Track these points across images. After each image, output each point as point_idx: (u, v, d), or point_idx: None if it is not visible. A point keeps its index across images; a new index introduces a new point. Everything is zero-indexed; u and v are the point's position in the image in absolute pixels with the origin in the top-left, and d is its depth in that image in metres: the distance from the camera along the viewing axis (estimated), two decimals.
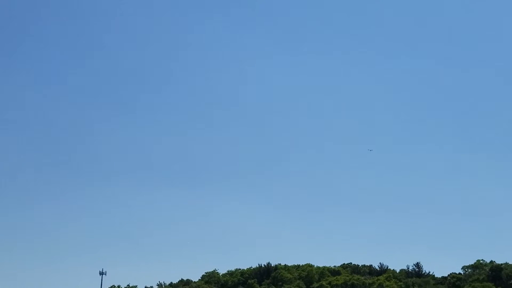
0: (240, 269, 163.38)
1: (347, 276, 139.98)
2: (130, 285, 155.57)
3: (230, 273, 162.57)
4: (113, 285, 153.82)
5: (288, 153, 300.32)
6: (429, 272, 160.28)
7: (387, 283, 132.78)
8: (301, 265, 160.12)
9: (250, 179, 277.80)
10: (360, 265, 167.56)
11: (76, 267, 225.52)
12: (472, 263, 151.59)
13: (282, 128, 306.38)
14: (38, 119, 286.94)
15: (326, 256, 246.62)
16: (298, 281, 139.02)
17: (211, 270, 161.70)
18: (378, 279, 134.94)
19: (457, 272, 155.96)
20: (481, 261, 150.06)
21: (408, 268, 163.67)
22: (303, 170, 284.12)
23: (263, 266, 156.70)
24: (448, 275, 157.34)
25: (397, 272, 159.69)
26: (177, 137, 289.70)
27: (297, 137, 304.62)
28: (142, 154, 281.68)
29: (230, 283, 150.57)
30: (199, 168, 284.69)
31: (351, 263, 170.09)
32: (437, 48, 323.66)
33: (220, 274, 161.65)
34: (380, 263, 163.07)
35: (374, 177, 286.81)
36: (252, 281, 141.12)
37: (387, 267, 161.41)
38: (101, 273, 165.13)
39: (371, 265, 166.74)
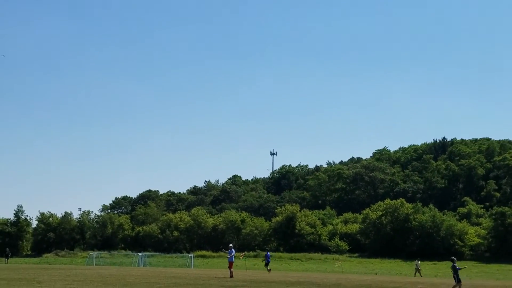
0: (413, 145, 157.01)
1: None
2: (301, 164, 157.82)
3: (402, 150, 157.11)
4: (284, 165, 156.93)
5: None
6: None
7: None
8: (478, 138, 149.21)
9: (416, 52, 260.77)
10: None
11: (248, 149, 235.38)
12: None
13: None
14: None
15: (507, 130, 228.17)
16: (477, 155, 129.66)
17: (381, 147, 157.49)
18: None
19: None
20: None
21: None
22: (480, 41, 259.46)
23: (438, 141, 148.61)
24: None
25: None
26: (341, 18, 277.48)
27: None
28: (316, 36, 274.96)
29: (402, 160, 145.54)
30: (364, 46, 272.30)
31: None
32: None
33: (391, 151, 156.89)
34: None
35: None
36: (428, 156, 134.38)
37: None
38: (272, 154, 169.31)
39: None
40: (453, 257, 32.76)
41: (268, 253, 49.31)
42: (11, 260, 71.14)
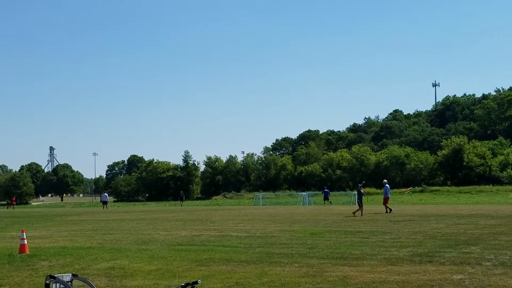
0: None
1: None
2: (466, 94, 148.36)
3: None
4: (447, 95, 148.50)
5: None
6: None
7: None
8: None
9: None
10: None
11: (408, 81, 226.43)
12: None
13: None
14: None
15: None
16: None
17: None
18: None
19: None
20: None
21: None
22: None
23: None
24: None
25: None
26: None
27: None
28: None
29: None
30: None
31: None
32: None
33: None
34: None
35: None
36: None
37: None
38: (434, 85, 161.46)
39: None
40: (360, 184, 35.96)
41: (327, 190, 61.60)
42: (184, 203, 76.36)
